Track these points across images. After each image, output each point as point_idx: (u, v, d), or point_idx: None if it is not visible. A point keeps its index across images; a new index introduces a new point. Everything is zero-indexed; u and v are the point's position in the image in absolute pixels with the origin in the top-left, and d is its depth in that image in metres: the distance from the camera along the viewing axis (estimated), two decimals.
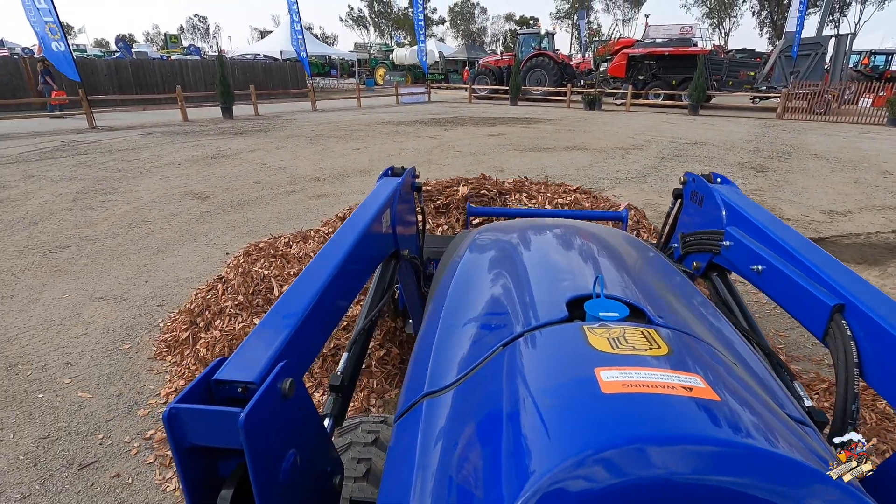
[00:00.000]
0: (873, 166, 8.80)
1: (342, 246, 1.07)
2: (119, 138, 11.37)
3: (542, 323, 0.75)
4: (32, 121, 13.64)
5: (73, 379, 2.73)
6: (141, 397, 2.58)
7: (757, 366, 0.79)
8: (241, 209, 5.92)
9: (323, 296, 0.90)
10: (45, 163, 8.53)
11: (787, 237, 1.13)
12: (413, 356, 0.92)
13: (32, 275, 4.06)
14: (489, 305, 0.91)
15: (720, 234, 1.33)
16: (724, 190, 1.41)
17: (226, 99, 15.47)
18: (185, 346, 2.89)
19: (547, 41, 24.93)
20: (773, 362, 1.02)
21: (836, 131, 13.78)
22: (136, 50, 39.05)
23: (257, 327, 0.79)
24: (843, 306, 0.90)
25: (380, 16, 72.15)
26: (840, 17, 48.82)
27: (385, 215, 1.33)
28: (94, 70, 19.13)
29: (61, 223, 5.36)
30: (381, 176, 1.61)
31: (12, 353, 2.98)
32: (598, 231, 1.31)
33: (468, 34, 75.34)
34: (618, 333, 0.68)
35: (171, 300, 3.63)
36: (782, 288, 1.06)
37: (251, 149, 10.06)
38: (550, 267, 1.01)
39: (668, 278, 1.06)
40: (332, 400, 1.02)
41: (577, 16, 43.45)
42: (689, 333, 0.75)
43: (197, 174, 7.75)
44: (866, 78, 20.87)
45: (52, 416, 2.44)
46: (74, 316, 3.41)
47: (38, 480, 2.06)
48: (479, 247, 1.21)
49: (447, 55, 37.21)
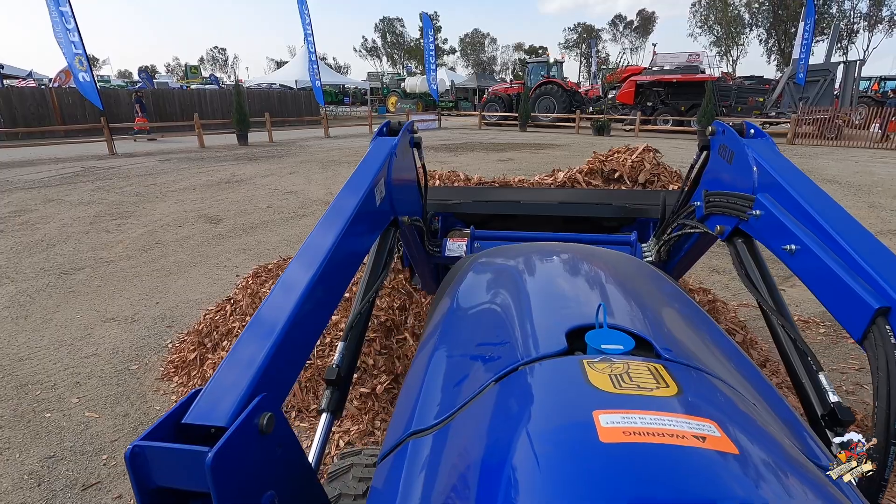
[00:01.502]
0: (888, 190, 8.70)
1: (326, 238, 0.96)
2: (137, 164, 11.67)
3: (539, 356, 0.69)
4: (55, 147, 14.09)
5: (81, 399, 2.74)
6: (147, 418, 2.58)
7: (780, 407, 0.70)
8: (252, 232, 6.00)
9: (304, 303, 0.82)
10: (66, 187, 8.77)
11: (831, 215, 0.98)
12: (403, 388, 0.86)
13: (47, 295, 4.13)
14: (484, 335, 0.85)
15: (750, 199, 1.15)
16: (758, 146, 1.21)
17: (242, 126, 15.87)
18: (192, 366, 2.90)
19: (555, 69, 25.37)
20: (800, 350, 0.95)
21: (848, 156, 13.70)
22: (157, 80, 40.51)
23: (230, 353, 0.71)
24: (889, 310, 0.79)
25: (392, 46, 74.19)
26: (848, 44, 49.19)
27: (379, 186, 1.21)
28: (117, 100, 19.81)
29: (77, 245, 5.48)
30: (375, 135, 1.45)
31: (23, 372, 3.01)
32: (603, 255, 1.23)
33: (478, 63, 76.97)
34: (621, 369, 0.62)
35: (181, 321, 3.66)
36: (818, 276, 0.93)
37: (265, 174, 10.25)
38: (551, 294, 0.94)
39: (679, 306, 0.97)
40: (328, 394, 0.97)
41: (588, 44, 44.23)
42: (702, 370, 0.68)
43: (211, 198, 7.90)
44: (877, 103, 20.86)
45: (58, 435, 2.45)
46: (86, 336, 3.45)
47: (41, 501, 2.05)
48: (478, 273, 1.15)
49: (458, 83, 37.94)
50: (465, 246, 1.77)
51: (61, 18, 12.26)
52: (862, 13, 48.57)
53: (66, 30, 12.38)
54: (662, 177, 4.34)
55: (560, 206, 2.02)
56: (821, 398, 0.86)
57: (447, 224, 2.05)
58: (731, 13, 54.83)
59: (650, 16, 70.96)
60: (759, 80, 21.67)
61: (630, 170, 4.31)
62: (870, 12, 48.23)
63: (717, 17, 55.60)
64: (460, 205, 2.02)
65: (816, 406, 0.86)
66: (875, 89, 24.60)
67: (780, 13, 49.99)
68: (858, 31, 49.36)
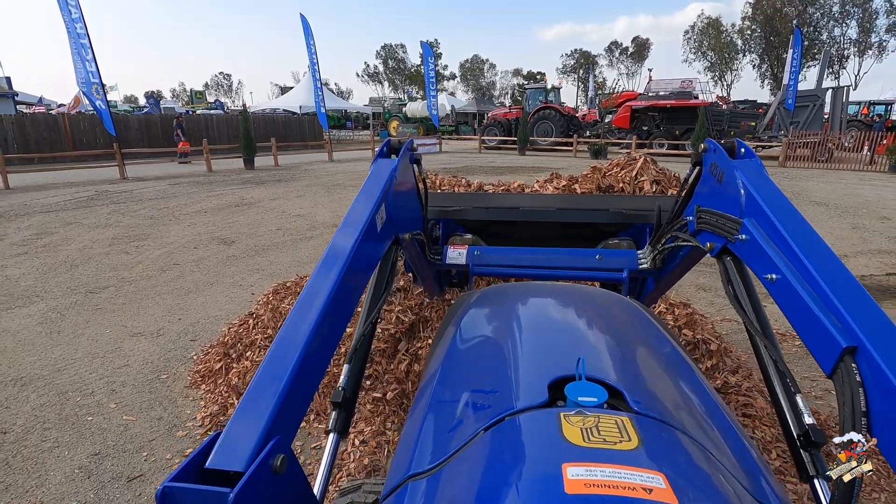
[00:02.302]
0: (872, 212, 9.04)
1: (327, 281, 0.99)
2: (149, 188, 12.07)
3: (522, 408, 0.74)
4: (67, 172, 14.52)
5: (119, 404, 3.01)
6: (179, 420, 2.85)
7: (744, 457, 0.74)
8: (264, 253, 6.32)
9: (310, 345, 0.86)
10: (82, 211, 9.13)
11: (810, 248, 0.99)
12: (404, 430, 0.91)
13: (76, 312, 4.42)
14: (478, 382, 0.90)
15: (737, 223, 1.16)
16: (747, 168, 1.22)
17: (248, 151, 16.35)
18: (218, 375, 3.17)
19: (553, 95, 26.11)
20: (780, 372, 0.96)
21: (838, 178, 14.11)
22: (163, 105, 41.42)
23: (246, 396, 0.77)
24: (856, 349, 0.80)
25: (394, 72, 75.88)
26: (840, 70, 50.40)
27: (380, 212, 1.23)
28: (127, 125, 20.39)
29: (100, 266, 5.79)
30: (376, 157, 1.47)
31: (62, 381, 3.28)
32: (593, 299, 1.26)
33: (478, 88, 78.56)
34: (592, 423, 0.66)
35: (203, 336, 3.94)
36: (794, 308, 0.95)
37: (272, 197, 10.63)
38: (538, 344, 0.99)
39: (660, 354, 1.01)
40: (335, 416, 0.99)
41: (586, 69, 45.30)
42: (666, 422, 0.71)
43: (222, 221, 8.24)
44: (866, 127, 21.45)
45: (101, 435, 2.71)
46: (116, 349, 3.73)
47: (93, 490, 2.31)
48: (473, 319, 1.20)
49: (458, 108, 38.83)
50: (465, 254, 1.80)
51: (80, 49, 12.85)
52: (852, 39, 49.94)
53: (85, 60, 12.96)
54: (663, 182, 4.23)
55: (558, 212, 2.04)
56: (797, 418, 0.87)
57: (448, 229, 2.07)
58: (724, 39, 56.31)
59: (645, 42, 72.76)
60: (753, 105, 22.33)
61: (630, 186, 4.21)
62: (859, 38, 49.57)
63: (710, 44, 57.06)
64: (461, 211, 2.04)
65: (792, 426, 0.88)
66: (865, 113, 25.25)
67: (771, 39, 51.37)
68: (849, 56, 50.67)
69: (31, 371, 3.41)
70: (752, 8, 52.86)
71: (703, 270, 5.58)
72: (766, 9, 50.89)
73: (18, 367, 3.47)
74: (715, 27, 57.07)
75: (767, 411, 2.58)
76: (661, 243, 1.57)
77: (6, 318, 4.30)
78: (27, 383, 3.25)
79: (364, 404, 2.80)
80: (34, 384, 3.24)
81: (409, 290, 3.25)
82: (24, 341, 3.87)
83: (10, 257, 6.16)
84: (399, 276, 3.35)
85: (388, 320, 3.06)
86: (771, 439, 2.42)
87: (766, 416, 2.54)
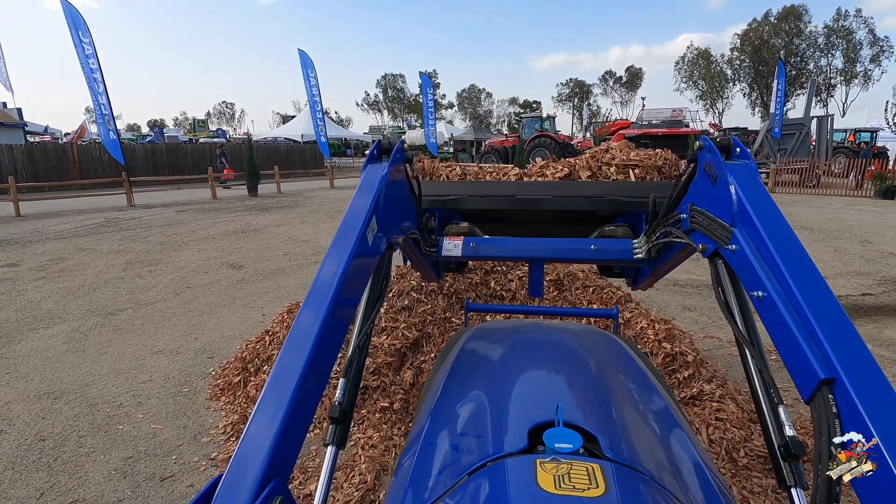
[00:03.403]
0: (855, 236, 9.42)
1: (317, 316, 0.97)
2: (156, 215, 12.44)
3: (502, 454, 0.77)
4: (75, 199, 14.91)
5: (146, 414, 3.27)
6: (203, 428, 3.11)
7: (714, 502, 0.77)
8: (272, 277, 6.62)
9: (304, 382, 0.87)
10: (94, 237, 9.46)
11: (797, 269, 0.96)
12: (397, 468, 0.94)
13: (98, 333, 4.70)
14: (466, 426, 0.93)
15: (728, 231, 1.13)
16: (741, 173, 1.17)
17: (252, 178, 16.82)
18: (237, 388, 3.44)
19: (549, 123, 26.90)
20: (764, 381, 0.96)
21: (825, 203, 14.56)
22: (166, 134, 42.33)
23: (243, 439, 0.78)
24: (833, 381, 0.79)
25: (393, 101, 77.65)
26: (827, 98, 51.85)
27: (371, 225, 1.21)
28: (134, 154, 20.96)
29: (116, 290, 6.08)
30: (366, 161, 1.40)
31: (91, 394, 3.54)
32: (581, 339, 1.27)
33: (475, 116, 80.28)
34: (564, 470, 0.68)
35: (219, 353, 4.21)
36: (777, 329, 0.93)
37: (277, 223, 10.99)
38: (523, 387, 1.02)
39: (641, 397, 1.02)
40: (332, 429, 0.99)
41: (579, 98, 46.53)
42: (636, 469, 0.73)
43: (230, 247, 8.57)
44: (854, 153, 22.13)
45: (132, 442, 2.97)
46: (139, 366, 4.00)
47: (130, 489, 2.56)
48: (465, 359, 1.23)
49: (456, 136, 39.73)
50: (460, 245, 1.76)
51: (93, 84, 13.41)
52: (837, 69, 51.57)
53: (97, 93, 13.51)
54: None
55: (554, 199, 2.00)
56: (779, 429, 0.88)
57: (444, 217, 2.04)
58: (714, 69, 58.02)
59: (638, 71, 74.82)
60: (744, 132, 23.09)
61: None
62: (845, 68, 51.19)
63: (700, 73, 58.73)
64: (456, 200, 2.01)
65: (774, 437, 0.89)
66: (851, 140, 26.01)
67: (760, 69, 53.00)
68: (836, 85, 52.23)
69: (61, 386, 3.67)
70: (740, 39, 54.74)
71: (688, 292, 5.90)
72: (754, 40, 52.70)
73: (49, 382, 3.73)
74: (705, 57, 58.88)
75: (738, 415, 2.86)
76: (656, 236, 1.54)
77: (33, 339, 4.57)
78: (59, 397, 3.51)
79: (373, 412, 3.07)
80: (66, 397, 3.50)
81: (413, 308, 3.55)
82: (51, 359, 4.13)
83: (29, 282, 6.45)
84: (403, 295, 3.65)
85: (393, 336, 3.36)
86: (740, 440, 2.69)
87: (737, 420, 2.82)
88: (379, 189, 1.26)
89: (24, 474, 2.70)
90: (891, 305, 5.41)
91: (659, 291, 5.83)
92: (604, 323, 3.20)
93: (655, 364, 3.08)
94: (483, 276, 3.82)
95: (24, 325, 4.93)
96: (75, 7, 13.32)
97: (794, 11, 50.97)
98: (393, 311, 3.50)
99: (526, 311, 2.57)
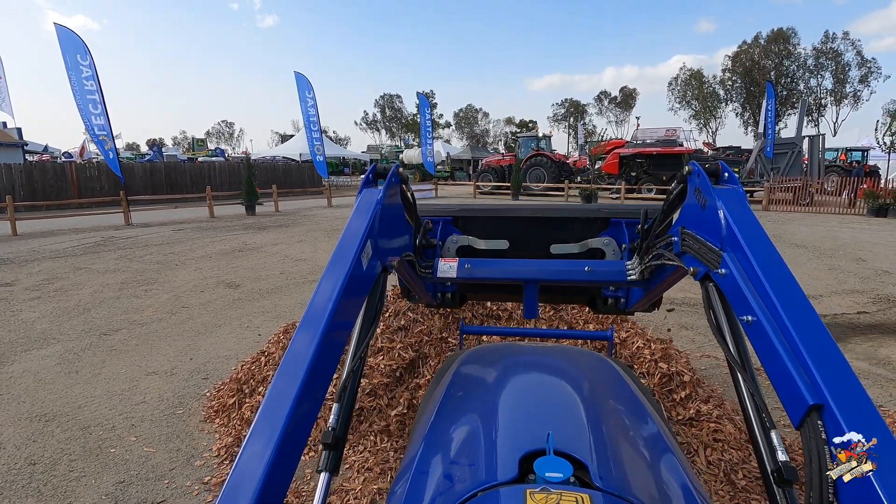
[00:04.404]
0: (849, 254, 9.48)
1: (310, 342, 0.96)
2: (153, 234, 12.44)
3: (493, 483, 0.77)
4: (73, 218, 14.91)
5: (138, 437, 3.23)
6: (196, 451, 3.07)
7: None
8: (269, 296, 6.60)
9: (295, 413, 0.85)
10: (90, 256, 9.44)
11: (786, 295, 0.97)
12: (389, 495, 0.95)
13: (92, 353, 4.66)
14: (457, 453, 0.93)
15: (718, 255, 1.14)
16: (729, 199, 1.18)
17: (250, 197, 16.88)
18: (231, 409, 3.41)
19: (545, 142, 27.22)
20: (756, 405, 0.95)
21: (819, 221, 14.69)
22: (165, 153, 42.56)
23: (232, 475, 0.78)
24: (822, 407, 0.79)
25: (391, 120, 78.50)
26: (818, 118, 52.72)
27: (366, 250, 1.21)
28: (132, 172, 21.04)
29: (111, 309, 6.05)
30: (361, 185, 1.39)
31: (84, 417, 3.50)
32: (576, 363, 1.29)
33: (472, 136, 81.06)
34: (554, 501, 0.69)
35: (214, 374, 4.18)
36: (767, 355, 0.93)
37: (274, 242, 11.00)
38: (514, 414, 1.02)
39: (635, 422, 1.03)
40: (325, 455, 0.97)
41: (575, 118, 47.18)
42: (628, 499, 0.73)
43: (227, 265, 8.56)
44: (846, 172, 22.42)
45: (124, 466, 2.93)
46: (132, 387, 3.96)
47: None
48: (457, 384, 1.24)
49: (453, 155, 40.10)
50: (455, 266, 1.77)
51: (89, 105, 13.52)
52: (827, 89, 52.55)
53: (93, 114, 13.62)
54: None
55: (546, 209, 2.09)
56: (771, 454, 0.88)
57: (445, 233, 2.06)
58: (707, 90, 59.03)
59: (631, 92, 76.01)
60: (738, 151, 23.39)
61: None
62: (834, 89, 52.17)
63: (693, 94, 59.72)
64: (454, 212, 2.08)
65: (767, 462, 0.89)
66: (843, 159, 26.37)
67: (752, 90, 53.98)
68: (826, 105, 53.17)
69: (53, 408, 3.63)
70: (731, 61, 55.83)
71: (684, 310, 5.91)
72: (745, 61, 53.76)
73: (42, 404, 3.69)
74: (697, 78, 59.95)
75: (735, 436, 2.84)
76: (648, 258, 1.56)
77: (26, 360, 4.53)
78: (51, 419, 3.47)
79: (367, 435, 3.04)
80: (58, 420, 3.46)
81: (410, 328, 3.54)
82: (44, 380, 4.09)
83: (24, 301, 6.42)
84: (400, 315, 3.65)
85: (390, 356, 3.34)
86: (738, 461, 2.68)
87: (734, 440, 2.80)
88: (374, 213, 1.26)
89: (13, 500, 2.65)
90: (886, 324, 5.43)
91: (655, 310, 5.84)
92: (601, 343, 3.20)
93: (652, 384, 3.08)
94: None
95: (18, 345, 4.89)
96: (73, 31, 13.48)
97: (783, 34, 52.16)
98: (389, 331, 3.49)
99: (521, 333, 2.59)
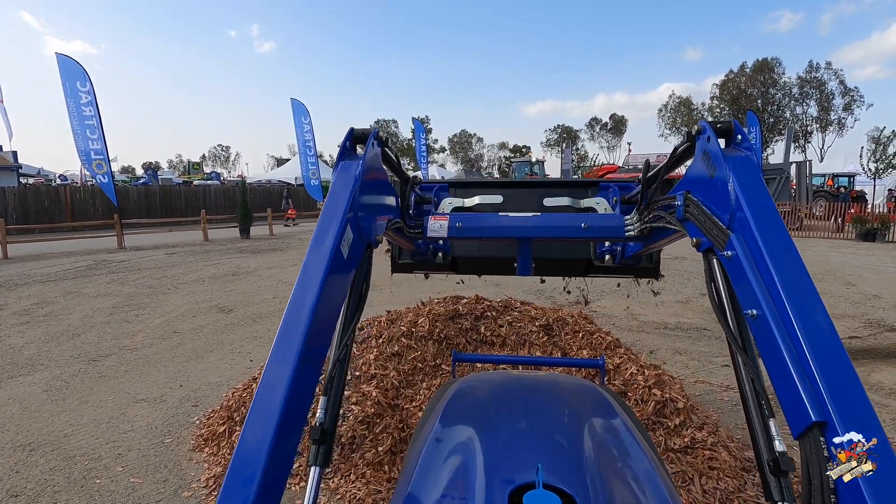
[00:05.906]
0: (839, 278, 9.58)
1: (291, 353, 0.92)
2: (146, 257, 12.37)
3: None
4: (65, 242, 14.84)
5: (125, 467, 3.15)
6: (184, 482, 3.00)
7: None
8: (261, 321, 6.56)
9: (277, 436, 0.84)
10: (81, 280, 9.36)
11: (791, 294, 0.87)
12: None
13: (80, 380, 4.58)
14: (448, 486, 0.94)
15: (725, 234, 1.03)
16: (741, 169, 1.05)
17: (245, 221, 16.90)
18: (221, 438, 3.35)
19: (538, 167, 27.58)
20: (755, 392, 0.92)
21: (809, 245, 14.86)
22: (161, 176, 42.67)
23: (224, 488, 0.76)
24: (826, 424, 0.76)
25: None
26: (805, 144, 53.87)
27: (346, 235, 1.13)
28: (127, 196, 21.05)
29: (101, 334, 5.97)
30: (338, 157, 1.26)
31: (69, 446, 3.42)
32: (567, 393, 1.30)
33: (466, 160, 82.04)
34: None
35: (205, 401, 4.11)
36: (769, 356, 0.87)
37: (268, 266, 10.96)
38: (504, 448, 1.01)
39: (624, 453, 1.03)
40: (314, 449, 0.96)
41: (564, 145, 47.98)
42: None
43: (220, 290, 8.51)
44: (833, 197, 22.83)
45: (109, 497, 2.85)
46: (120, 415, 3.89)
47: None
48: (450, 412, 1.26)
49: (448, 179, 40.52)
50: (445, 225, 1.62)
51: (85, 130, 13.60)
52: (813, 117, 53.87)
53: (90, 139, 13.70)
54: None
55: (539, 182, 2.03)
56: (769, 444, 0.86)
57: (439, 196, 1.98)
58: (696, 116, 60.31)
59: (621, 118, 77.62)
60: None
61: None
62: (819, 116, 53.49)
63: (683, 120, 61.00)
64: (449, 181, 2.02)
65: (763, 451, 0.87)
66: (830, 184, 26.86)
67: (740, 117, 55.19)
68: (812, 132, 54.43)
69: (38, 437, 3.55)
70: (718, 89, 57.24)
71: (678, 335, 5.92)
72: (732, 90, 55.13)
73: (26, 433, 3.61)
74: (686, 105, 61.35)
75: (731, 464, 2.83)
76: (649, 217, 1.43)
77: (12, 386, 4.45)
78: (35, 449, 3.39)
79: (361, 465, 2.99)
80: (42, 449, 3.38)
81: (403, 355, 3.52)
82: (30, 408, 4.01)
83: (12, 326, 6.33)
84: (394, 342, 3.64)
85: (383, 384, 3.32)
86: (733, 489, 2.65)
87: (730, 469, 2.78)
88: (353, 191, 1.15)
89: None
90: (877, 348, 5.46)
91: (649, 335, 5.85)
92: (594, 370, 3.20)
93: (646, 411, 3.07)
94: (473, 322, 3.83)
95: (4, 371, 4.81)
96: (73, 59, 13.66)
97: (768, 64, 53.67)
98: (383, 357, 3.47)
99: (513, 361, 2.60)
